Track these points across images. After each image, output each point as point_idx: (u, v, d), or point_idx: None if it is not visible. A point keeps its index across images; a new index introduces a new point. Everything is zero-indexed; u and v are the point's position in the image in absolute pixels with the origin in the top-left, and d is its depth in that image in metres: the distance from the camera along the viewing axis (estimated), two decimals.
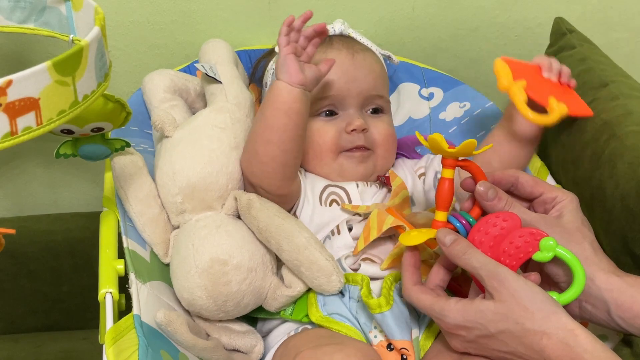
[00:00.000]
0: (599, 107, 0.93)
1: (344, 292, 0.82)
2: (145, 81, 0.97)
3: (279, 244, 0.80)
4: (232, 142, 0.88)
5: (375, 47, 0.99)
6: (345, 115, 0.93)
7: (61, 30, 0.80)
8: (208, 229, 0.82)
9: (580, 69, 0.99)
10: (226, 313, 0.81)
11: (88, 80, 0.64)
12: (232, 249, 0.80)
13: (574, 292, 0.69)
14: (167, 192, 0.86)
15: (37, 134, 0.60)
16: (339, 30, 0.97)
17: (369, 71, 0.95)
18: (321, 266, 0.79)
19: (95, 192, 1.19)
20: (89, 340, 1.13)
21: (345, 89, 0.93)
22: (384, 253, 0.86)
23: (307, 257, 0.79)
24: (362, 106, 0.94)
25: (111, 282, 0.77)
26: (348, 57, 0.94)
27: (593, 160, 0.90)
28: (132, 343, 0.71)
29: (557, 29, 1.09)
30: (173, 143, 0.87)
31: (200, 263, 0.79)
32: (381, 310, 0.77)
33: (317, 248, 0.79)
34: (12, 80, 0.57)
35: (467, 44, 1.17)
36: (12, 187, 1.18)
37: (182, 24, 1.08)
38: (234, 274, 0.79)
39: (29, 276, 1.15)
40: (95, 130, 0.78)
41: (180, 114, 0.93)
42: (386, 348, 0.78)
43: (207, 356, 0.78)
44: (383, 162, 0.95)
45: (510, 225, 0.70)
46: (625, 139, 0.86)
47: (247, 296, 0.81)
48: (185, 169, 0.85)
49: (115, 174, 0.85)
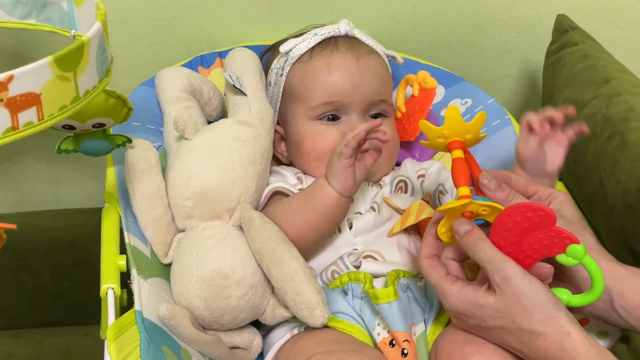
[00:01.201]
0: (601, 104, 0.93)
1: (347, 291, 0.82)
2: (163, 75, 0.96)
3: (268, 269, 0.79)
4: (250, 156, 0.86)
5: (380, 48, 0.98)
6: (348, 120, 0.93)
7: (62, 26, 0.80)
8: (214, 240, 0.81)
9: (583, 66, 0.99)
10: (221, 325, 0.81)
11: (89, 76, 0.64)
12: (236, 264, 0.79)
13: (587, 299, 0.69)
14: (178, 195, 0.85)
15: (39, 129, 0.60)
16: (344, 31, 0.96)
17: (374, 76, 0.94)
18: (305, 299, 0.77)
19: (97, 188, 1.19)
20: (90, 336, 1.14)
21: (349, 95, 0.92)
22: (386, 249, 0.86)
23: (292, 288, 0.77)
24: (365, 111, 0.94)
25: (113, 277, 0.77)
26: (353, 62, 0.93)
27: (595, 157, 0.90)
28: (134, 339, 0.71)
29: (560, 26, 1.09)
30: (192, 147, 0.86)
31: (202, 274, 0.79)
32: (389, 300, 0.77)
33: (303, 279, 0.77)
34: (14, 76, 0.57)
35: (469, 41, 1.17)
36: (14, 183, 1.18)
37: (184, 20, 1.08)
38: (235, 289, 0.79)
39: (30, 272, 1.15)
40: (96, 125, 0.78)
41: (195, 116, 0.92)
42: (389, 345, 0.78)
43: (209, 351, 0.78)
44: (385, 165, 0.95)
45: (544, 221, 0.68)
46: (627, 136, 0.86)
47: (244, 311, 0.80)
48: (201, 176, 0.84)
49: (127, 167, 0.85)
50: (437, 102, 1.09)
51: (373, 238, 0.88)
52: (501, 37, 1.17)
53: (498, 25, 1.16)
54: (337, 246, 0.87)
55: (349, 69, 0.92)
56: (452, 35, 1.16)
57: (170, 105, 0.94)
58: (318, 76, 0.93)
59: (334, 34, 0.95)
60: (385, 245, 0.87)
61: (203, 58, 1.07)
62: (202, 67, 1.06)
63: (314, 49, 0.95)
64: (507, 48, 1.18)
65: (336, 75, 0.92)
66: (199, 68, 1.06)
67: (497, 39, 1.17)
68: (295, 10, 1.08)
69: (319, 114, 0.93)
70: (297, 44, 0.95)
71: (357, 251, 0.86)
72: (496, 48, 1.18)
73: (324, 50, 0.94)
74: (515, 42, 1.18)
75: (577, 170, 0.94)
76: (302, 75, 0.95)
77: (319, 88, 0.92)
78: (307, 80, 0.94)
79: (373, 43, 0.98)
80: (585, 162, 0.92)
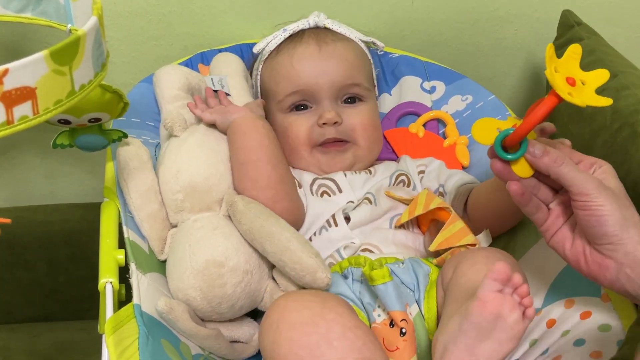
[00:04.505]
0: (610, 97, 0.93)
1: (347, 275, 0.82)
2: (160, 74, 0.96)
3: (262, 247, 0.80)
4: None
5: (355, 34, 0.99)
6: (318, 108, 0.93)
7: (59, 20, 0.80)
8: (205, 230, 0.82)
9: (589, 60, 1.00)
10: (220, 315, 0.81)
11: (85, 70, 0.64)
12: (229, 251, 0.80)
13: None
14: (168, 189, 0.85)
15: (34, 124, 0.60)
16: (313, 24, 0.97)
17: (340, 60, 0.94)
18: (305, 265, 0.78)
19: (93, 182, 1.19)
20: (86, 330, 1.13)
21: (314, 83, 0.93)
22: (383, 243, 0.86)
23: (290, 257, 0.78)
24: (337, 97, 0.94)
25: (111, 272, 0.77)
26: (315, 50, 0.94)
27: (604, 148, 0.90)
28: (132, 332, 0.71)
29: (565, 21, 1.09)
30: (179, 142, 0.88)
31: (195, 264, 0.79)
32: (384, 281, 0.77)
33: (299, 247, 0.78)
34: (9, 69, 0.57)
35: (466, 38, 1.17)
36: (9, 178, 1.17)
37: (181, 15, 1.08)
38: (230, 277, 0.79)
39: (25, 266, 1.15)
40: (92, 120, 0.78)
41: (191, 114, 0.93)
42: (389, 326, 0.78)
43: (208, 345, 0.78)
44: (365, 153, 0.95)
45: None
46: (638, 126, 0.87)
47: (241, 299, 0.80)
48: (190, 169, 0.85)
49: (119, 165, 0.85)
50: (437, 98, 1.09)
51: (370, 231, 0.88)
52: (499, 34, 1.17)
53: (495, 22, 1.16)
54: (334, 239, 0.87)
55: (312, 58, 0.93)
56: (450, 32, 1.16)
57: (167, 103, 0.94)
58: (281, 69, 0.95)
59: (302, 27, 0.96)
60: (382, 239, 0.87)
61: (203, 55, 1.07)
62: (202, 64, 1.06)
63: (281, 45, 0.96)
64: (505, 45, 1.18)
65: (298, 65, 0.92)
66: (199, 65, 1.06)
67: (494, 36, 1.17)
68: (293, 6, 1.08)
69: (288, 106, 0.94)
70: (268, 43, 0.98)
71: (355, 244, 0.86)
72: (494, 45, 1.18)
73: (290, 44, 0.95)
74: (512, 39, 1.17)
75: None
76: (269, 72, 0.97)
77: (283, 80, 0.94)
78: (273, 74, 0.96)
79: (346, 30, 0.98)
80: (594, 153, 0.92)
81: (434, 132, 1.07)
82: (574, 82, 0.67)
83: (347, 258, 0.84)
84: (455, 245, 0.82)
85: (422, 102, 1.09)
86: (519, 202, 0.73)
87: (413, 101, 1.09)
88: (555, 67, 0.67)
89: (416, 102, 1.08)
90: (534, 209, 0.73)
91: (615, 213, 0.68)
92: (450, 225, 0.83)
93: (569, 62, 0.69)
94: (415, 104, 1.08)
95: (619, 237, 0.69)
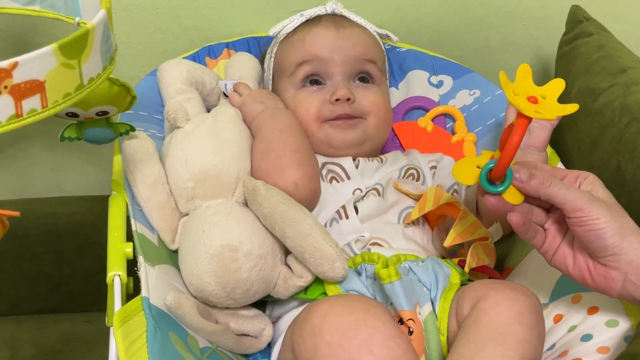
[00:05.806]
0: (618, 92, 0.93)
1: (361, 271, 0.82)
2: (163, 69, 0.96)
3: (282, 231, 0.80)
4: (244, 133, 0.90)
5: (370, 26, 0.99)
6: (331, 85, 0.93)
7: (67, 13, 0.80)
8: (218, 215, 0.82)
9: (598, 56, 1.00)
10: (234, 300, 0.81)
11: (94, 63, 0.64)
12: (243, 236, 0.80)
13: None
14: (178, 178, 0.85)
15: (42, 117, 0.60)
16: (330, 10, 0.97)
17: (357, 40, 0.94)
18: (325, 253, 0.78)
19: (100, 175, 1.20)
20: (91, 323, 1.14)
21: (328, 56, 0.93)
22: (392, 237, 0.86)
23: (311, 244, 0.78)
24: (350, 75, 0.94)
25: (120, 264, 0.77)
26: (333, 31, 0.94)
27: (613, 143, 0.90)
28: (140, 325, 0.71)
29: (573, 17, 1.09)
30: (185, 132, 0.88)
31: (210, 249, 0.79)
32: (391, 280, 0.76)
33: (320, 235, 0.79)
34: (18, 63, 0.57)
35: (474, 33, 1.16)
36: (17, 170, 1.18)
37: (188, 8, 1.08)
38: (244, 261, 0.79)
39: (32, 258, 1.15)
40: (100, 113, 0.78)
41: (195, 107, 0.93)
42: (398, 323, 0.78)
43: (216, 340, 0.78)
44: (375, 131, 0.94)
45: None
46: None
47: (256, 284, 0.81)
48: (198, 156, 0.85)
49: (125, 158, 0.85)
50: (444, 93, 1.09)
51: (379, 225, 0.88)
52: (507, 29, 1.16)
53: (504, 17, 1.15)
54: (344, 232, 0.87)
55: (329, 36, 0.94)
56: (457, 27, 1.15)
57: (171, 98, 0.94)
58: (297, 43, 0.95)
59: (320, 13, 0.96)
60: (391, 233, 0.87)
61: (210, 49, 1.07)
62: (210, 57, 1.06)
63: (298, 27, 0.96)
64: (513, 40, 1.17)
65: (315, 39, 0.92)
66: (206, 59, 1.06)
67: (502, 30, 1.16)
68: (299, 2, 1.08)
69: (300, 79, 0.94)
70: (284, 26, 0.97)
71: (365, 238, 0.86)
72: (502, 40, 1.17)
73: (307, 27, 0.95)
74: (521, 34, 1.17)
75: (593, 157, 0.94)
76: (284, 49, 0.97)
77: (297, 52, 0.94)
78: (287, 51, 0.96)
79: (362, 21, 0.98)
80: (602, 148, 0.92)
81: (440, 126, 1.06)
82: (535, 100, 0.67)
83: (361, 254, 0.84)
84: (468, 239, 0.82)
85: (429, 96, 1.09)
86: (521, 232, 0.72)
87: (420, 96, 1.08)
88: (513, 91, 0.67)
89: (423, 96, 1.08)
90: (533, 234, 0.73)
91: (612, 224, 0.68)
92: (462, 220, 0.83)
93: (523, 83, 0.70)
94: (423, 98, 1.08)
95: (619, 247, 0.69)
